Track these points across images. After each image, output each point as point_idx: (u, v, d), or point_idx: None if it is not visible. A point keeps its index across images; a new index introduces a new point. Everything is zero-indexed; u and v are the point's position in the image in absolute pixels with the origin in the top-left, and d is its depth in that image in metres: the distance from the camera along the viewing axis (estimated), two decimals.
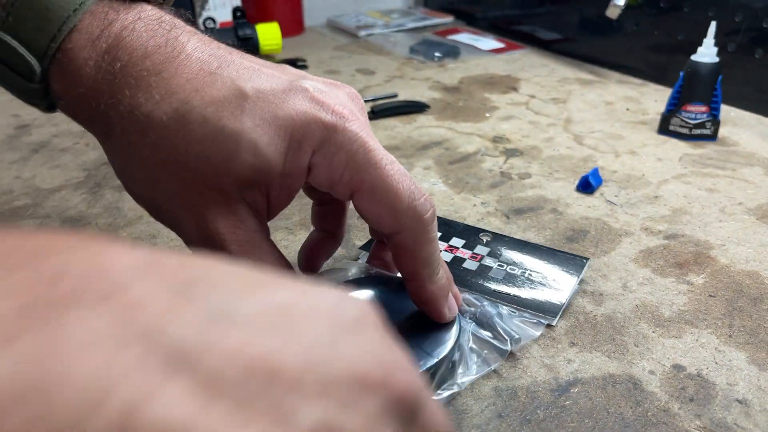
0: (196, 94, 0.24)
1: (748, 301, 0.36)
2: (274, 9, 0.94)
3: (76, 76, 0.25)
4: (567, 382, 0.30)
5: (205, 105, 0.24)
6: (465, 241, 0.40)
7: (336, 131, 0.25)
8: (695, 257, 0.40)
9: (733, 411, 0.28)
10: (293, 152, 0.25)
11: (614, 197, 0.48)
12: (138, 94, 0.24)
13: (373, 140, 0.26)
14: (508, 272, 0.37)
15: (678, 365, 0.31)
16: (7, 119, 0.64)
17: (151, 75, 0.24)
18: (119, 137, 0.25)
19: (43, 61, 0.25)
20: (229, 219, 0.25)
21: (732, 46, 0.66)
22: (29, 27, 0.24)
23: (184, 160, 0.24)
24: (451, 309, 0.30)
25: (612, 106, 0.67)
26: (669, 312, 0.35)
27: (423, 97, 0.69)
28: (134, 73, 0.24)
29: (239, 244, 0.25)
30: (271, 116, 0.24)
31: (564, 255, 0.38)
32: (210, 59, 0.25)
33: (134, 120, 0.24)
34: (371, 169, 0.25)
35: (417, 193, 0.27)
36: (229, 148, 0.24)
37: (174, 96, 0.24)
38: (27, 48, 0.25)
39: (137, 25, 0.25)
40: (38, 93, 0.26)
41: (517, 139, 0.59)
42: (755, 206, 0.46)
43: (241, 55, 0.27)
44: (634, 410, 0.28)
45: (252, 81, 0.25)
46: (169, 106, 0.24)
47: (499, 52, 0.87)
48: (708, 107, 0.57)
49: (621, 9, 0.69)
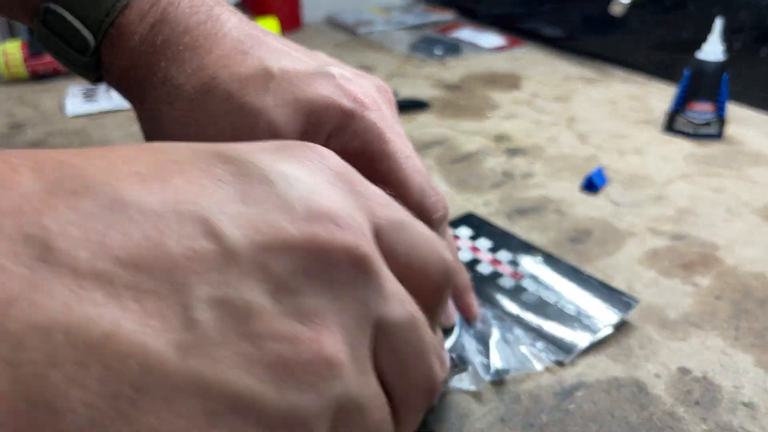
0: (225, 70, 0.25)
1: (755, 302, 0.35)
2: (272, 3, 0.93)
3: (124, 49, 0.26)
4: (571, 386, 0.30)
5: (231, 81, 0.25)
6: (512, 256, 0.38)
7: (354, 118, 0.25)
8: (701, 258, 0.40)
9: (739, 414, 0.28)
10: (309, 134, 0.25)
11: (619, 197, 0.47)
12: (172, 66, 0.25)
13: (391, 132, 0.26)
14: (542, 299, 0.34)
15: (684, 368, 0.31)
16: (1, 118, 0.63)
17: (187, 50, 0.25)
18: (150, 106, 0.26)
19: (97, 35, 0.26)
20: None
21: (737, 44, 0.65)
22: (85, 3, 0.26)
23: (204, 134, 0.25)
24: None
25: (616, 104, 0.66)
26: (674, 314, 0.35)
27: (424, 96, 0.68)
28: (172, 47, 0.25)
29: None
30: (292, 97, 0.25)
31: (613, 292, 0.35)
32: (244, 38, 0.26)
33: (165, 91, 0.25)
34: (384, 160, 0.25)
35: (430, 191, 0.26)
36: (247, 124, 0.25)
37: (204, 71, 0.25)
38: (83, 22, 0.26)
39: (183, 1, 0.26)
40: (90, 65, 0.27)
41: (520, 138, 0.58)
42: (762, 206, 0.46)
43: (275, 38, 0.27)
44: (639, 414, 0.28)
45: (280, 62, 0.25)
46: (198, 80, 0.25)
47: (502, 49, 0.86)
48: (714, 106, 0.56)
49: (625, 6, 0.68)
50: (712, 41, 0.56)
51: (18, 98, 0.69)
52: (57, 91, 0.71)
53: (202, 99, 0.25)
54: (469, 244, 0.39)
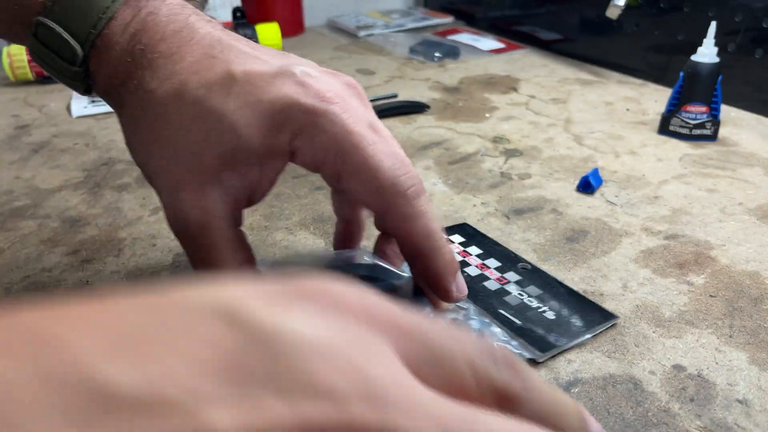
0: (195, 76, 0.26)
1: (749, 301, 0.36)
2: (274, 9, 0.94)
3: (108, 58, 0.27)
4: (567, 383, 0.30)
5: (199, 87, 0.26)
6: (500, 264, 0.39)
7: (317, 114, 0.26)
8: (695, 257, 0.40)
9: (734, 411, 0.28)
10: (272, 135, 0.26)
11: (614, 197, 0.48)
12: (147, 73, 0.26)
13: (356, 124, 0.26)
14: (525, 303, 0.35)
15: (678, 365, 0.31)
16: (7, 119, 0.64)
17: (161, 57, 0.26)
18: (128, 111, 0.27)
19: (84, 46, 0.27)
20: (199, 201, 0.26)
21: (732, 47, 0.66)
22: (73, 15, 0.27)
23: (175, 138, 0.26)
24: (459, 288, 0.29)
25: (612, 106, 0.67)
26: (669, 312, 0.35)
27: (423, 98, 0.69)
28: (148, 55, 0.26)
29: (202, 227, 0.26)
30: (254, 99, 0.25)
31: (592, 306, 0.35)
32: (215, 44, 0.27)
33: (139, 96, 0.26)
34: (352, 151, 0.26)
35: (401, 169, 0.26)
36: (211, 128, 0.25)
37: (176, 77, 0.26)
38: (71, 34, 0.27)
39: (162, 10, 0.27)
40: (78, 75, 0.28)
41: (517, 139, 0.59)
42: (755, 206, 0.46)
43: (246, 43, 0.28)
44: (635, 410, 0.28)
45: (245, 65, 0.26)
46: (170, 86, 0.26)
47: (499, 52, 0.87)
48: (708, 107, 0.57)
49: (621, 9, 0.69)
50: (707, 44, 0.56)
51: (23, 99, 0.70)
52: (62, 92, 0.71)
53: (173, 104, 0.26)
54: (460, 249, 0.40)
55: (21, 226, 0.44)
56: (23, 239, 0.42)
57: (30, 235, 0.43)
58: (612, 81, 0.75)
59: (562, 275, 0.38)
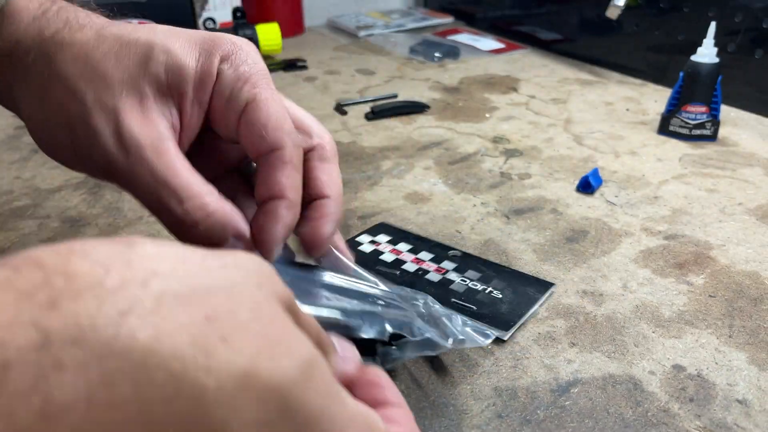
0: (113, 26, 0.28)
1: (748, 301, 0.36)
2: (274, 9, 0.94)
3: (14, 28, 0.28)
4: (567, 383, 0.30)
5: (120, 30, 0.28)
6: (433, 255, 0.40)
7: (242, 49, 0.29)
8: (695, 257, 0.40)
9: (733, 411, 0.28)
10: (203, 58, 0.28)
11: (614, 198, 0.48)
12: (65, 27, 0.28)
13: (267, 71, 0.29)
14: (470, 287, 0.36)
15: (678, 365, 0.31)
16: (7, 119, 0.64)
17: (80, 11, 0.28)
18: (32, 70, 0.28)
19: None
20: (145, 123, 0.27)
21: (732, 47, 0.66)
22: None
23: (103, 69, 0.27)
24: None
25: (612, 106, 0.67)
26: (669, 312, 0.35)
27: (423, 98, 0.69)
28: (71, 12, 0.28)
29: (153, 149, 0.26)
30: (182, 32, 0.28)
31: (530, 279, 0.38)
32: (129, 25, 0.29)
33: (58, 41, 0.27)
34: (266, 86, 0.28)
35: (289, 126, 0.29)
36: (144, 52, 0.27)
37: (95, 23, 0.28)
38: None
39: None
40: None
41: (517, 139, 0.59)
42: (755, 206, 0.46)
43: None
44: (635, 410, 0.28)
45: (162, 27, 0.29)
46: (90, 30, 0.28)
47: (499, 52, 0.87)
48: (708, 108, 0.57)
49: (621, 9, 0.69)
50: (707, 44, 0.56)
51: None
52: None
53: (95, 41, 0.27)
54: (390, 248, 0.41)
55: (21, 226, 0.44)
56: (23, 239, 0.42)
57: (30, 235, 0.43)
58: (612, 81, 0.75)
59: (562, 275, 0.38)
